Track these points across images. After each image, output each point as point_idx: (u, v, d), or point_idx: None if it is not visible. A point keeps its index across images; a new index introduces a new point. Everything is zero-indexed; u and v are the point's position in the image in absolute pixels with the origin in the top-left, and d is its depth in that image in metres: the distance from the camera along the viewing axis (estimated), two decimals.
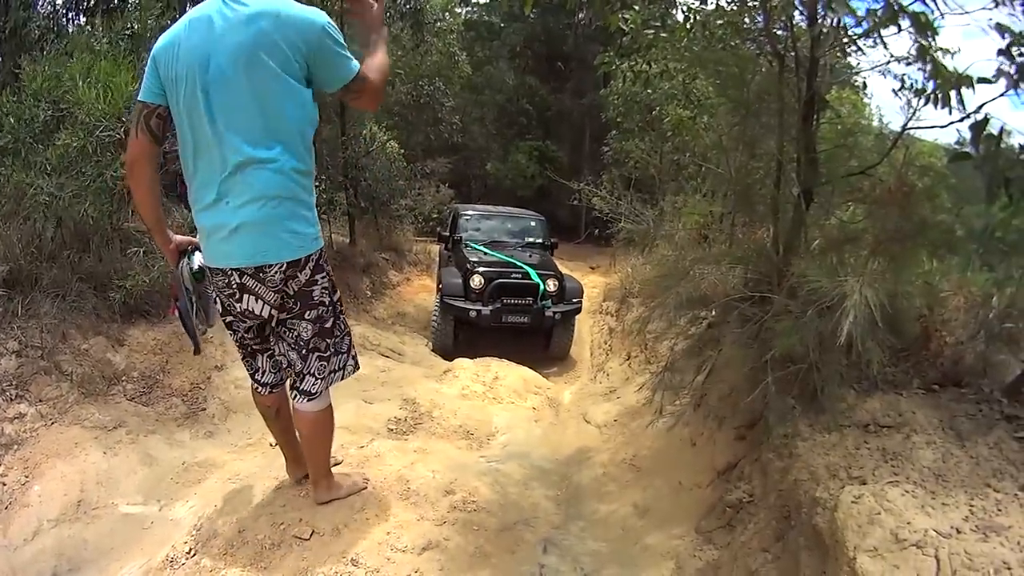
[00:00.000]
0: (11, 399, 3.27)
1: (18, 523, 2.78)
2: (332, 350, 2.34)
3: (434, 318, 7.37)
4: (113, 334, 4.01)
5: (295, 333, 2.26)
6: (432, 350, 7.24)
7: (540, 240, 8.39)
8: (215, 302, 2.33)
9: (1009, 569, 1.51)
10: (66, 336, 3.74)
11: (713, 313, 3.35)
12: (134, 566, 2.54)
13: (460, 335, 7.31)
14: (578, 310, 7.31)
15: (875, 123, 4.06)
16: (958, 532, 1.63)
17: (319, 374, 2.33)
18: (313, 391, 2.33)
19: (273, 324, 2.28)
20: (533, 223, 8.77)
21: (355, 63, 2.06)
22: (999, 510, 1.70)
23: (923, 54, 2.03)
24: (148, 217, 2.23)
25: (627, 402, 4.41)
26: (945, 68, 2.00)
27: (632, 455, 3.57)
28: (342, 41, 2.03)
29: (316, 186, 7.45)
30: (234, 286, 2.14)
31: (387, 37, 2.31)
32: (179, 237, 2.32)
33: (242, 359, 2.51)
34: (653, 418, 3.36)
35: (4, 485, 2.91)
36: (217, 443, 3.71)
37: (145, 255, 4.22)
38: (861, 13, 2.27)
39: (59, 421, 3.32)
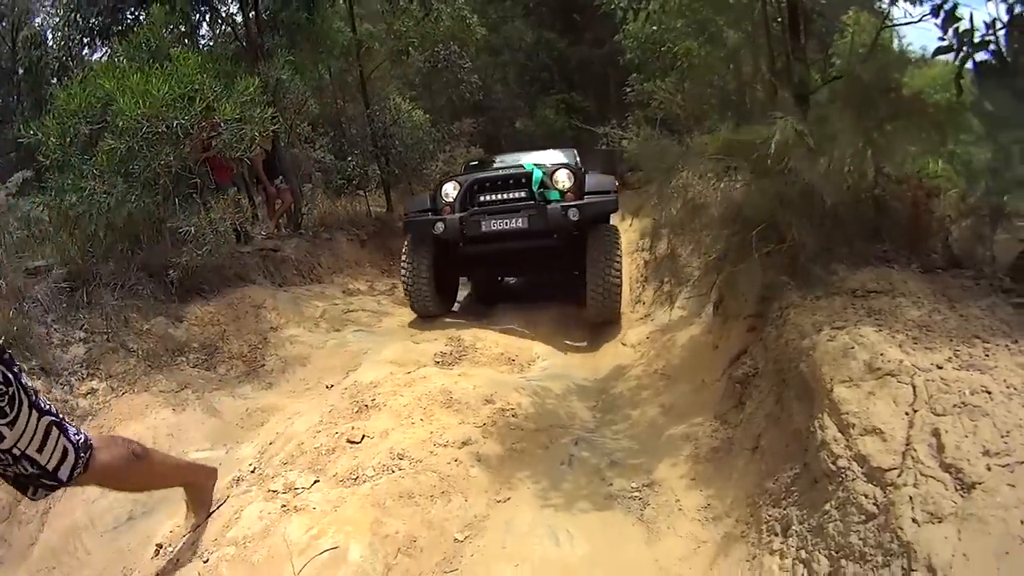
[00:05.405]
0: (83, 378, 3.57)
1: None
2: None
3: (403, 267, 5.28)
4: (172, 313, 4.37)
5: None
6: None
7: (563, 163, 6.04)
8: None
9: (988, 392, 1.49)
10: (128, 320, 4.08)
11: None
12: None
13: (444, 286, 5.50)
14: (611, 207, 5.17)
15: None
16: (938, 367, 1.64)
17: None
18: None
19: None
20: (558, 155, 6.90)
21: None
22: (986, 355, 1.65)
23: None
24: None
25: (660, 321, 4.58)
26: None
27: (663, 365, 3.78)
28: None
29: (348, 161, 7.76)
30: None
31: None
32: None
33: None
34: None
35: None
36: (276, 392, 4.03)
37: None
38: None
39: (129, 391, 3.61)
